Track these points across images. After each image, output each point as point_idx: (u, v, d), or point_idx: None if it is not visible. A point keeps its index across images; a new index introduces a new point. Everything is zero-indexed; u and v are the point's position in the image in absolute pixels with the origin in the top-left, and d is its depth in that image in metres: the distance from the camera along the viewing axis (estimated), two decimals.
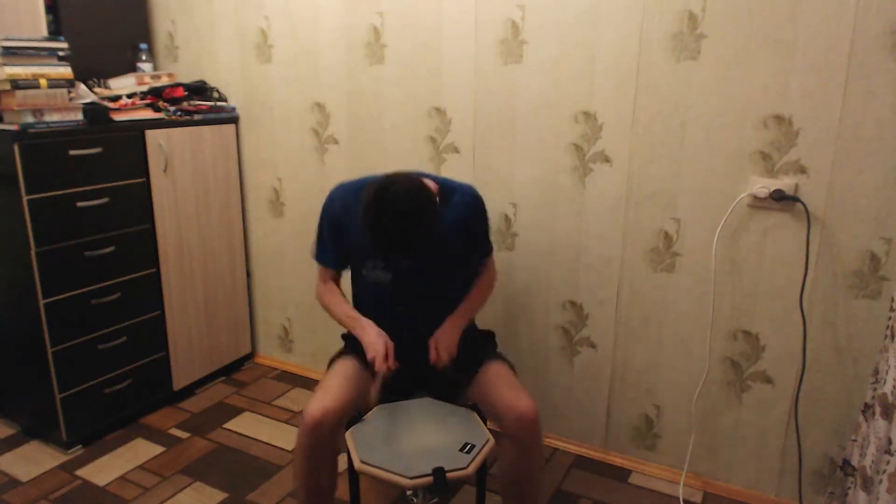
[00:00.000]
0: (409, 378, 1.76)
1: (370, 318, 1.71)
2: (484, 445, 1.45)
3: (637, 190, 1.97)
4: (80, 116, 2.13)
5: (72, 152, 2.08)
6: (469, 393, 1.67)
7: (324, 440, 1.50)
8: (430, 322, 1.71)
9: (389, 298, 1.69)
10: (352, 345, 1.76)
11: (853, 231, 1.71)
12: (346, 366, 1.67)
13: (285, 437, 2.35)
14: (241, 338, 2.86)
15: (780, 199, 1.75)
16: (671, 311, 2.01)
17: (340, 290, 1.81)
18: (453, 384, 1.71)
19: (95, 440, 2.31)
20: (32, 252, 2.02)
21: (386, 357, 1.56)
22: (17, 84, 1.95)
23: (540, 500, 1.69)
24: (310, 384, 2.74)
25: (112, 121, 2.22)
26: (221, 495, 2.03)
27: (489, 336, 1.86)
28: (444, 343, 1.64)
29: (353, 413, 1.59)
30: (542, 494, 1.79)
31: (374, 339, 1.60)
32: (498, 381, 1.61)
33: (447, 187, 1.68)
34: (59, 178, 2.06)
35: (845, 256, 1.74)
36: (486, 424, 1.60)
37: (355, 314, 1.71)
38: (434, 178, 1.68)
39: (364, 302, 1.77)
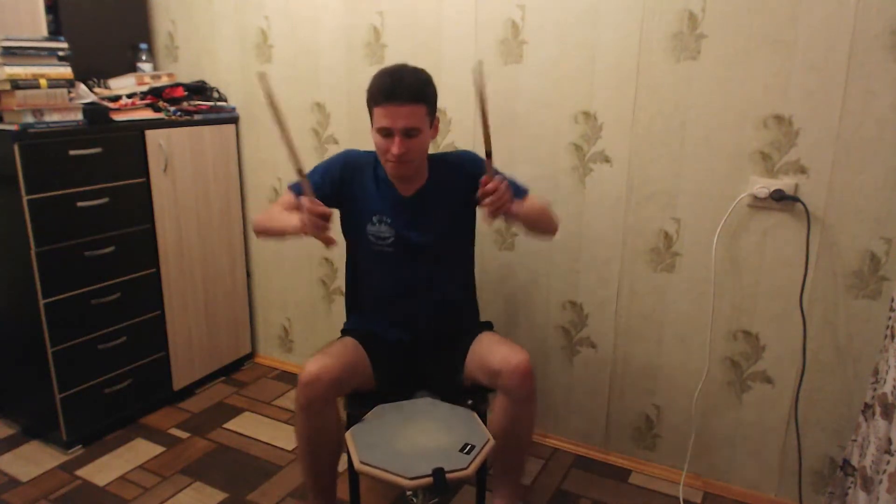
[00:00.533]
0: (407, 364, 1.76)
1: (373, 288, 1.76)
2: (484, 446, 1.45)
3: (637, 190, 1.97)
4: (80, 116, 2.13)
5: (72, 152, 2.08)
6: (466, 366, 1.69)
7: (321, 395, 1.52)
8: (434, 290, 1.73)
9: (391, 261, 1.71)
10: (351, 333, 1.78)
11: (853, 231, 1.71)
12: (346, 340, 1.72)
13: (285, 437, 2.35)
14: (241, 338, 2.86)
15: (780, 199, 1.75)
16: (671, 311, 2.01)
17: None
18: (449, 365, 1.72)
19: (95, 440, 2.31)
20: (32, 252, 2.02)
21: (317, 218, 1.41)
22: (17, 84, 1.95)
23: (528, 452, 1.76)
24: None
25: (112, 121, 2.22)
26: (221, 495, 2.03)
27: (487, 324, 1.89)
28: (496, 185, 1.43)
29: (350, 379, 1.61)
30: (531, 447, 1.77)
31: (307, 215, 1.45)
32: (490, 342, 1.66)
33: (441, 154, 1.75)
34: (59, 178, 2.06)
35: (845, 256, 1.74)
36: (485, 425, 1.60)
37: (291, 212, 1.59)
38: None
39: (367, 270, 1.78)
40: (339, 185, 1.70)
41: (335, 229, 1.49)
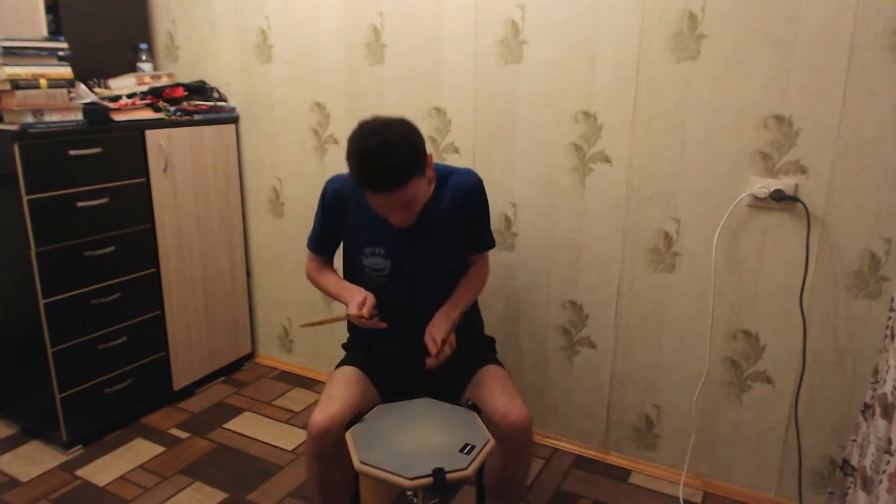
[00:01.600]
0: (410, 378, 1.76)
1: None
2: (484, 446, 1.44)
3: (637, 190, 1.97)
4: (80, 116, 2.13)
5: (72, 152, 2.08)
6: (465, 395, 1.67)
7: (331, 446, 1.50)
8: (429, 316, 1.70)
9: (388, 290, 1.68)
10: (352, 355, 1.76)
11: (853, 231, 1.71)
12: (348, 373, 1.66)
13: (285, 437, 2.35)
14: (241, 338, 2.86)
15: (780, 199, 1.75)
16: (671, 311, 2.01)
17: (332, 268, 1.82)
18: (451, 385, 1.71)
19: (95, 440, 2.31)
20: (32, 252, 2.02)
21: (364, 307, 1.54)
22: (17, 84, 1.95)
23: (523, 494, 1.73)
24: (310, 384, 2.74)
25: (112, 121, 2.22)
26: (221, 495, 2.03)
27: (490, 342, 1.86)
28: (436, 334, 1.59)
29: (357, 416, 1.59)
30: (524, 492, 1.80)
31: (357, 293, 1.60)
32: (494, 385, 1.61)
33: (443, 170, 1.68)
34: (59, 178, 2.06)
35: (845, 256, 1.74)
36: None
37: (344, 281, 1.73)
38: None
39: None
40: (335, 223, 1.71)
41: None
